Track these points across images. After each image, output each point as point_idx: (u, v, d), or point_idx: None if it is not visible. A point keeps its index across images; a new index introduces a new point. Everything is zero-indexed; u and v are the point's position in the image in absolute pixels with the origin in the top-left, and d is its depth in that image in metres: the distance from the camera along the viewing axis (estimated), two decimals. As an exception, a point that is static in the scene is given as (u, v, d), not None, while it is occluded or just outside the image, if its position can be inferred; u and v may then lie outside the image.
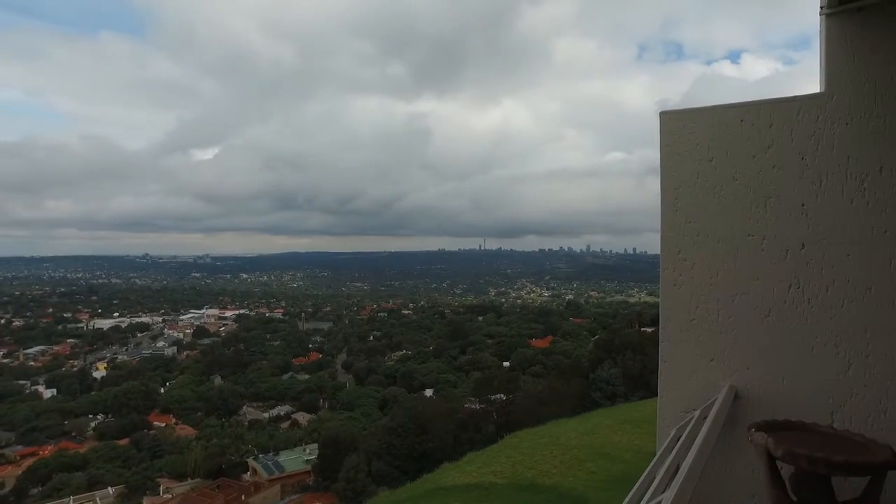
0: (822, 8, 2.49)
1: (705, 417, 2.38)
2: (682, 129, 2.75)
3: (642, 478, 1.91)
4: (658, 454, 2.18)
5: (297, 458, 44.06)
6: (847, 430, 2.29)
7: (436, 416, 36.87)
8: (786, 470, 2.19)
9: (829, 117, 2.46)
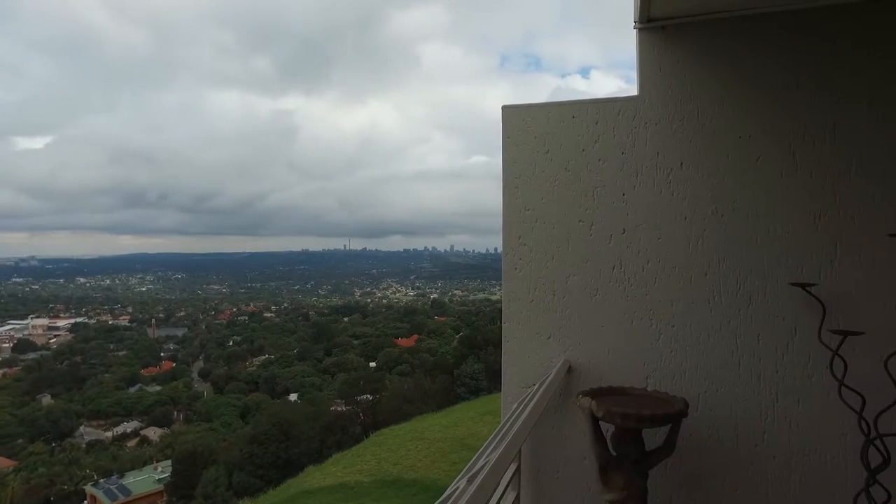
0: (635, 23, 2.82)
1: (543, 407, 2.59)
2: (521, 123, 2.96)
3: (482, 448, 2.04)
4: (499, 426, 2.32)
5: (147, 479, 40.14)
6: (656, 391, 2.62)
7: (301, 420, 35.84)
8: (608, 429, 2.46)
9: (643, 118, 2.79)
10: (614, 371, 2.76)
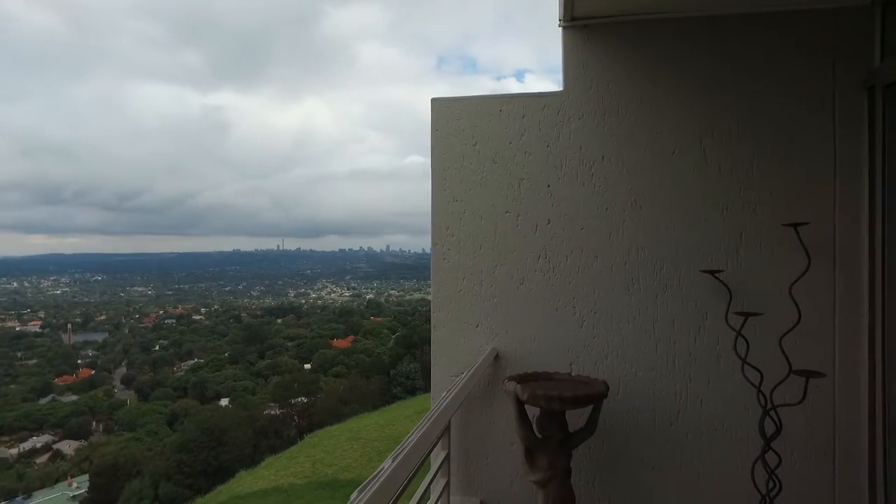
0: (560, 21, 2.91)
1: (472, 387, 2.64)
2: (450, 115, 3.00)
3: (408, 436, 2.06)
4: (427, 415, 2.35)
5: (60, 497, 37.42)
6: (579, 375, 2.72)
7: (232, 425, 34.62)
8: (533, 414, 2.53)
9: (567, 113, 2.89)
10: (540, 357, 2.85)
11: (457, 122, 2.98)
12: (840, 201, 2.62)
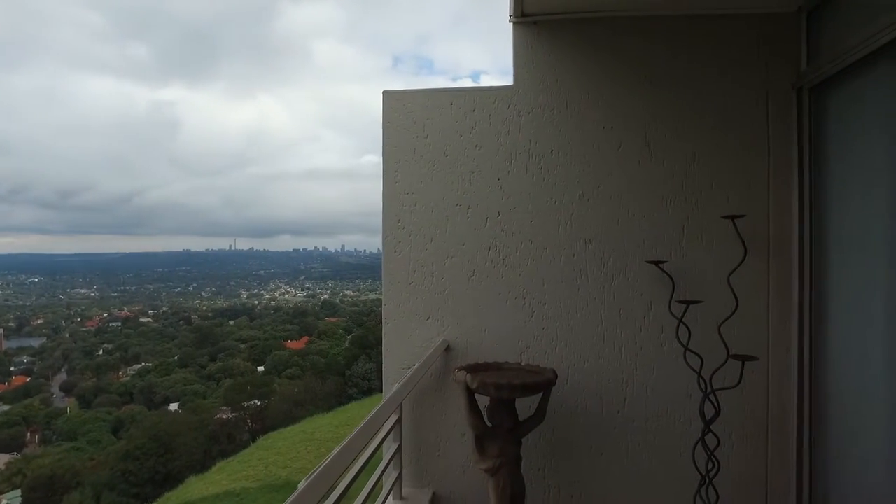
0: (510, 16, 2.95)
1: (422, 376, 2.64)
2: (402, 108, 3.00)
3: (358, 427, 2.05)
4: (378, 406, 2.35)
5: (-14, 516, 35.05)
6: (529, 364, 2.76)
7: (182, 431, 33.52)
8: (484, 403, 2.56)
9: (517, 107, 2.93)
10: (491, 348, 2.88)
11: (408, 115, 2.98)
12: (773, 195, 2.75)
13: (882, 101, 2.36)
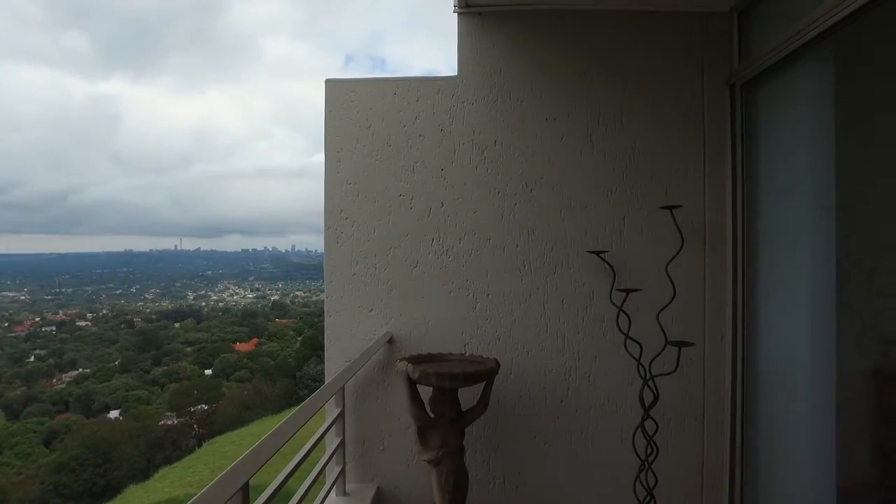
0: (455, 7, 2.94)
1: (363, 365, 2.60)
2: (344, 97, 2.94)
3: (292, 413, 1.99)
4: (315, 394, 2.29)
5: None
6: (472, 355, 2.75)
7: (123, 439, 32.16)
8: (426, 394, 2.53)
9: (461, 97, 2.92)
10: (434, 340, 2.85)
11: (351, 105, 2.93)
12: (708, 187, 2.83)
13: (805, 96, 2.47)
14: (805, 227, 2.45)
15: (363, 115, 2.93)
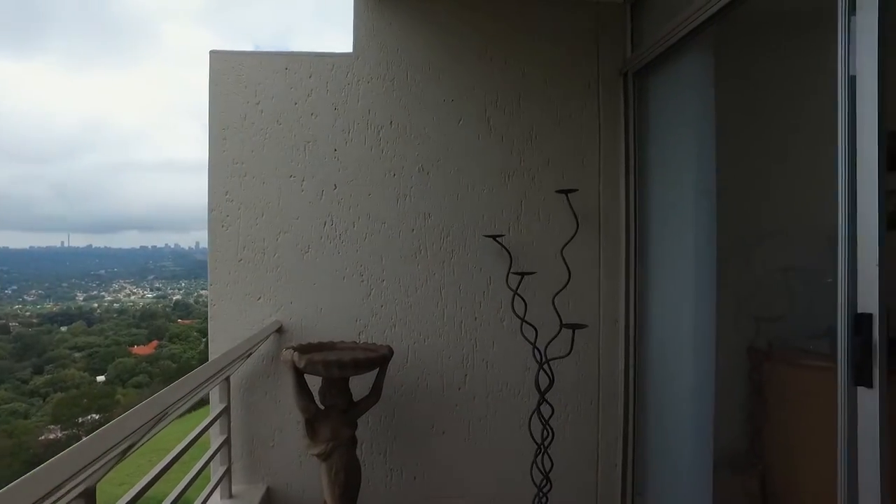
0: (352, -20, 2.80)
1: (250, 354, 2.42)
2: (231, 71, 2.73)
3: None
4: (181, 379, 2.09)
5: None
6: (365, 343, 2.64)
7: (-6, 458, 29.28)
8: (316, 385, 2.39)
9: (356, 75, 2.79)
10: (327, 328, 2.71)
11: (238, 79, 2.72)
12: (603, 173, 2.87)
13: (688, 85, 2.56)
14: (690, 212, 2.53)
15: (251, 90, 2.73)
